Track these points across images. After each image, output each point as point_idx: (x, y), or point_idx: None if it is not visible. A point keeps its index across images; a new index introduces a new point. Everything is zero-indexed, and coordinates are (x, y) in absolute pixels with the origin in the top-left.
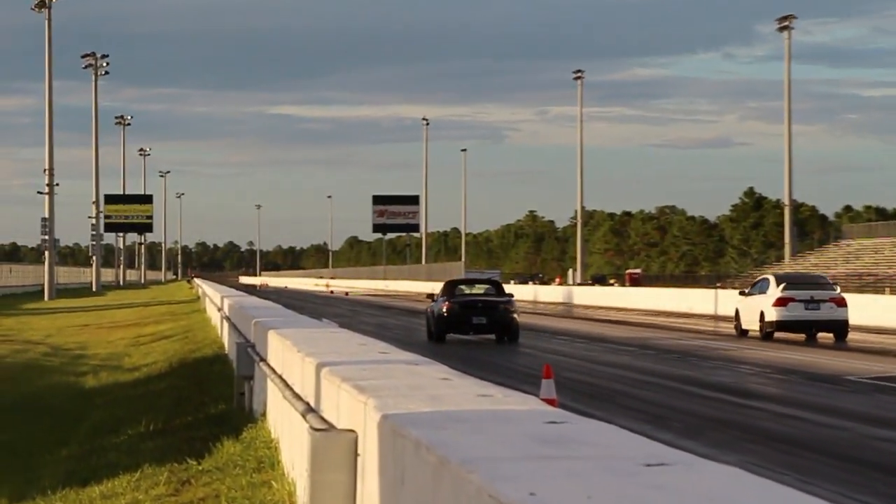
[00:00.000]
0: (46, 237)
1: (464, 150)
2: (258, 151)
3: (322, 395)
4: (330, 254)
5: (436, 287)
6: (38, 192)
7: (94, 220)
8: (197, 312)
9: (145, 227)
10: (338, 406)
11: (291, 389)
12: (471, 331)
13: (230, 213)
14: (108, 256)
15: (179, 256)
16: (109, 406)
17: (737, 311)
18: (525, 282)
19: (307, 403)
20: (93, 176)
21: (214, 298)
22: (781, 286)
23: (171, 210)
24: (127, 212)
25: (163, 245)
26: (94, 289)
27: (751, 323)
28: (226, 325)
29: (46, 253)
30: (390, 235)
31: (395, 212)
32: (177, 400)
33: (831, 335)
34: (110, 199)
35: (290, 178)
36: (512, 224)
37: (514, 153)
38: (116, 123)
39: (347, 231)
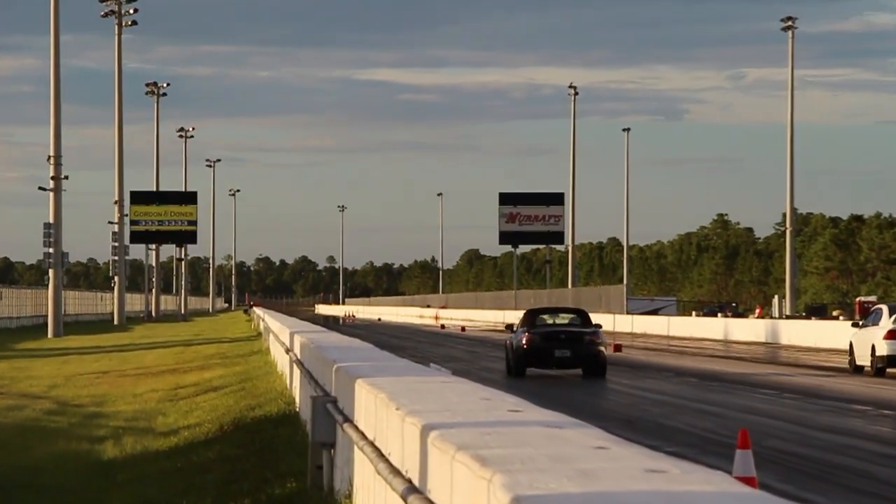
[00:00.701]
0: (51, 250)
1: (626, 129)
2: (342, 132)
3: (430, 468)
4: (440, 273)
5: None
6: (41, 189)
7: (116, 228)
8: (257, 354)
9: (187, 237)
10: (451, 484)
11: (387, 461)
12: (553, 365)
13: (304, 217)
14: (136, 277)
15: (234, 277)
16: (136, 484)
17: (851, 345)
18: (713, 313)
19: (409, 481)
20: (115, 166)
21: (281, 335)
22: (894, 317)
23: (223, 213)
24: (162, 215)
25: (211, 261)
26: (115, 322)
27: (863, 358)
28: (297, 371)
29: (51, 272)
30: (524, 248)
31: (531, 215)
32: (229, 476)
33: None
34: (139, 198)
35: (385, 170)
36: (694, 233)
37: (698, 134)
38: (148, 93)
39: (465, 242)
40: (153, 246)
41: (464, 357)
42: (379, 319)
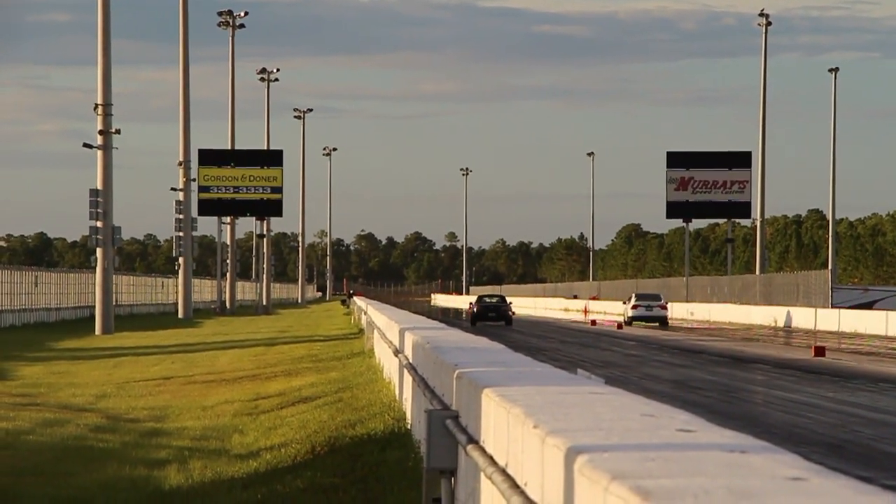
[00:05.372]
0: (99, 224)
1: (833, 70)
2: (464, 75)
3: (577, 503)
4: (591, 255)
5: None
6: (85, 146)
7: (180, 196)
8: (358, 357)
9: (270, 208)
10: None
11: (523, 493)
12: (487, 321)
13: (416, 183)
14: (206, 258)
15: (329, 259)
16: None
17: (623, 313)
18: None
19: None
20: (180, 117)
21: (388, 332)
22: (634, 299)
23: (315, 177)
24: (239, 180)
25: (300, 239)
26: (180, 314)
27: (624, 318)
28: (408, 379)
29: (99, 252)
30: (698, 223)
31: (709, 181)
32: None
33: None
34: (210, 158)
35: (519, 123)
36: None
37: None
38: (221, 24)
39: (622, 216)
40: (227, 219)
41: (620, 362)
42: (512, 313)
